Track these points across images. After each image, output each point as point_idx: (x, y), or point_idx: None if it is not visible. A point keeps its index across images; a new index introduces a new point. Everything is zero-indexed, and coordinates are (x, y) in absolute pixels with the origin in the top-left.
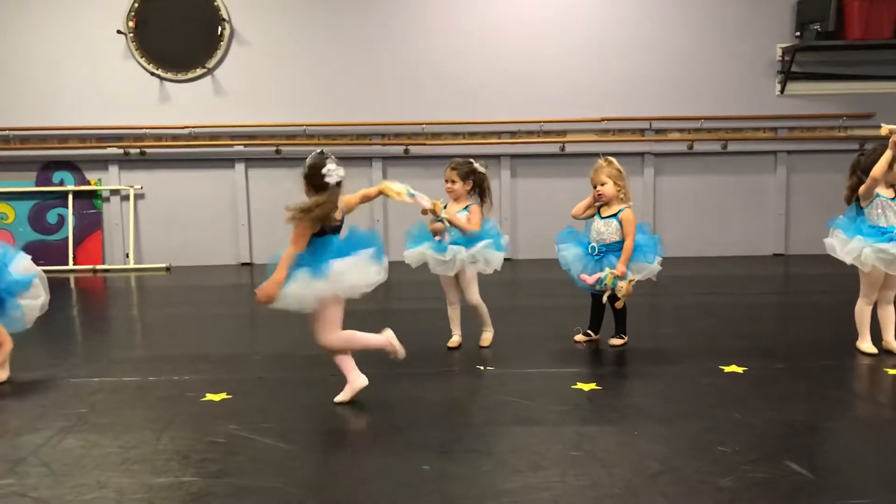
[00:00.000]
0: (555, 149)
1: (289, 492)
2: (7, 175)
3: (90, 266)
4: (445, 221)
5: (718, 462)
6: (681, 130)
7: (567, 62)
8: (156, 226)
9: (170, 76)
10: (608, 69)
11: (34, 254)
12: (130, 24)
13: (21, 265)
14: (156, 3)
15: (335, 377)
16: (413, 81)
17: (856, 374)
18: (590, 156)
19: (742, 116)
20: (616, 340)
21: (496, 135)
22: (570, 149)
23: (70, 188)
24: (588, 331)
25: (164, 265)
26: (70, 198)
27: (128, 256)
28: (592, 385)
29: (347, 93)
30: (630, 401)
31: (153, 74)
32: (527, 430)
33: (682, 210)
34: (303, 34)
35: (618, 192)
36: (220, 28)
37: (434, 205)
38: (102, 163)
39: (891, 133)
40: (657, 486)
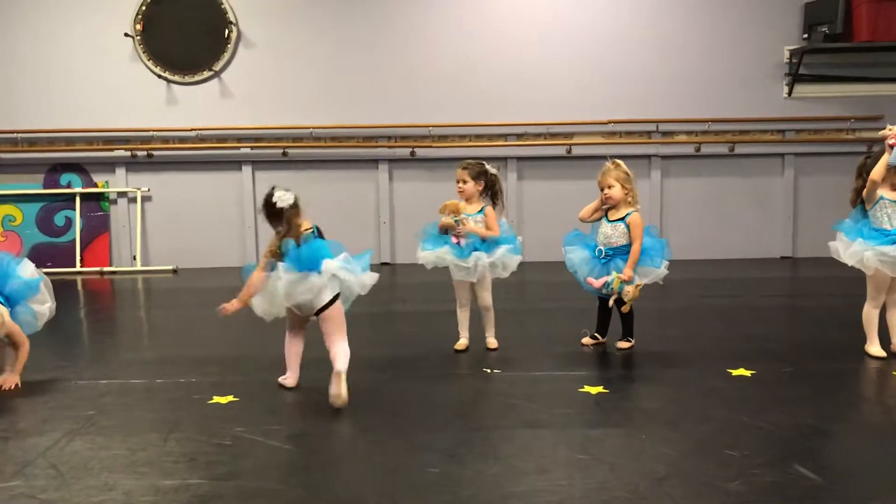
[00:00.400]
0: (561, 151)
1: (295, 494)
2: (15, 177)
3: (97, 268)
4: (461, 225)
5: (726, 466)
6: (688, 133)
7: (574, 64)
8: (163, 228)
9: (177, 79)
10: (615, 71)
11: (42, 256)
12: (138, 27)
13: (27, 271)
14: (163, 7)
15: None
16: (419, 84)
17: (864, 378)
18: (597, 158)
19: (749, 119)
20: (623, 343)
21: (503, 137)
22: (577, 151)
23: (77, 190)
24: (595, 334)
25: (171, 267)
26: (77, 200)
27: (135, 258)
28: (600, 388)
29: (354, 95)
30: (637, 404)
31: (160, 77)
32: (534, 433)
33: (690, 212)
34: (309, 37)
35: (625, 196)
36: (227, 31)
37: (454, 205)
38: (110, 165)
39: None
40: (665, 490)
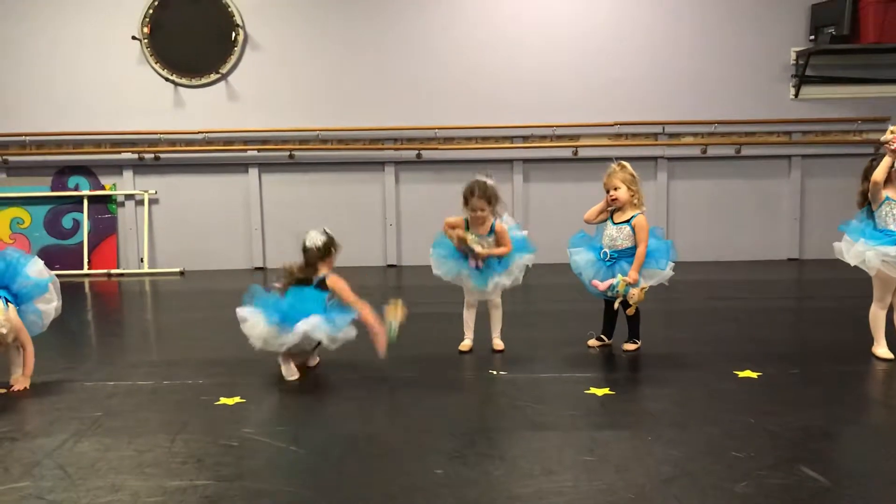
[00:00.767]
0: (567, 153)
1: (302, 496)
2: (23, 180)
3: (105, 270)
4: (478, 249)
5: (733, 467)
6: (694, 134)
7: (580, 66)
8: (170, 230)
9: (184, 81)
10: (621, 73)
11: (49, 258)
12: (145, 30)
13: (35, 269)
14: (170, 10)
15: (348, 381)
16: (426, 86)
17: (872, 380)
18: (603, 160)
19: (756, 120)
20: (629, 345)
21: (508, 139)
22: (583, 153)
23: (85, 193)
24: (601, 335)
25: (178, 269)
26: (85, 202)
27: (142, 261)
28: (606, 390)
29: (360, 97)
30: (643, 406)
31: (167, 80)
32: (540, 435)
33: (696, 214)
34: (316, 39)
35: (631, 198)
36: (234, 34)
37: (468, 239)
38: (117, 168)
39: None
40: (671, 492)
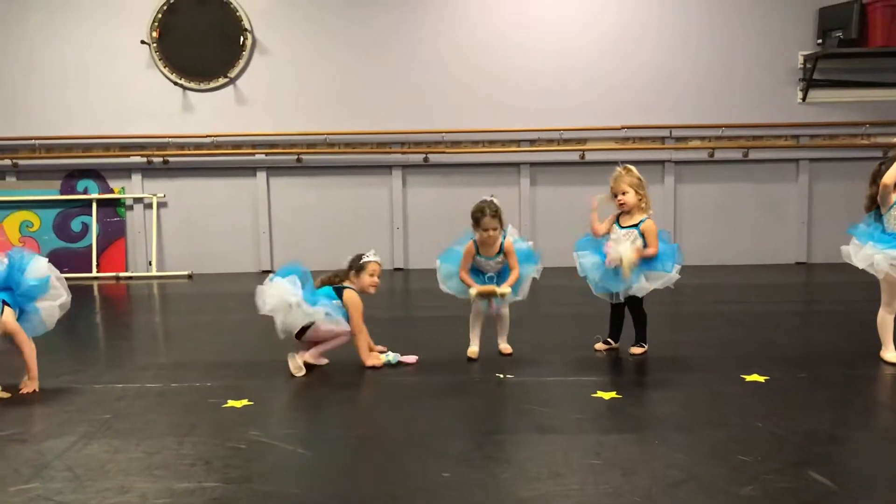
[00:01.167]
0: (574, 157)
1: (310, 498)
2: (32, 183)
3: (113, 273)
4: (501, 291)
5: (739, 471)
6: (702, 138)
7: (587, 70)
8: (178, 234)
9: (192, 85)
10: (628, 77)
11: (59, 261)
12: (154, 35)
13: (35, 268)
14: (179, 14)
15: (355, 384)
16: (433, 90)
17: (879, 384)
18: (610, 164)
19: (763, 124)
20: (636, 349)
21: (515, 143)
22: (590, 157)
23: (94, 196)
24: (608, 339)
25: (187, 272)
26: (94, 206)
27: (150, 264)
28: (612, 393)
29: (368, 101)
30: (650, 409)
31: (176, 84)
32: (546, 438)
33: (703, 218)
34: (324, 43)
35: (639, 201)
36: (242, 38)
37: (498, 292)
38: (126, 171)
39: None
40: (678, 495)
